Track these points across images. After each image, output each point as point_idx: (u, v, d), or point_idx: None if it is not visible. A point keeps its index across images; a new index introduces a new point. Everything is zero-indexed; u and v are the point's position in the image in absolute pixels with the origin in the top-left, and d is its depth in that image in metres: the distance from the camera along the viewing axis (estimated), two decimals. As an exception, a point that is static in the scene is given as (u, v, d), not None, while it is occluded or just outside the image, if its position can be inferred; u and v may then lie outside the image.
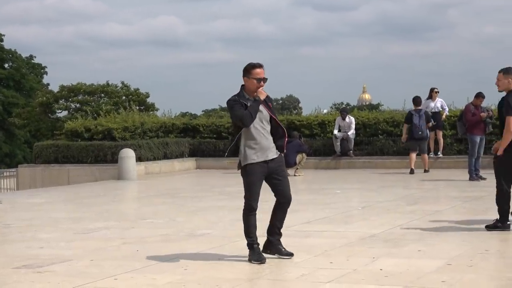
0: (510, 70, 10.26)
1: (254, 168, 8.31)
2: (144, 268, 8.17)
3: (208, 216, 13.03)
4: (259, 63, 8.32)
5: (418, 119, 21.41)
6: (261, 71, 8.26)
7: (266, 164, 8.33)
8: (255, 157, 8.29)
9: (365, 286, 7.16)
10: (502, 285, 6.93)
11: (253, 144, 8.29)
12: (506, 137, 10.09)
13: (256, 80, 8.21)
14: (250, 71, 8.24)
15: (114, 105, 49.87)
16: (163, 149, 26.38)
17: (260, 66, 8.29)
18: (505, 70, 10.32)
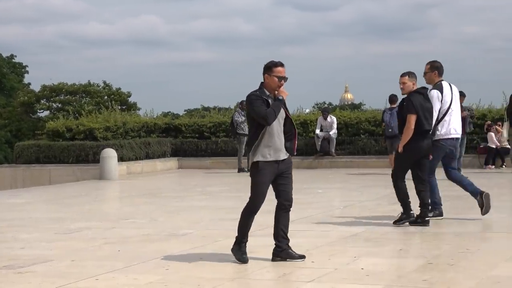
0: (413, 74, 10.99)
1: (266, 167, 8.18)
2: (125, 268, 8.15)
3: (190, 216, 13.02)
4: (280, 61, 8.24)
5: (389, 116, 21.21)
6: (282, 70, 8.19)
7: (277, 165, 8.23)
8: (268, 156, 8.16)
9: (347, 285, 7.17)
10: (482, 284, 6.96)
11: (268, 142, 8.17)
12: (406, 134, 10.68)
13: (277, 78, 8.13)
14: (272, 68, 8.17)
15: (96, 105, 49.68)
16: (145, 149, 26.34)
17: (282, 65, 8.22)
18: (409, 74, 10.95)
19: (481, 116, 24.75)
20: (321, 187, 18.26)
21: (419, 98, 10.77)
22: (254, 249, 9.20)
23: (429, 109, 10.86)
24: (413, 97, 10.76)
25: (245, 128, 24.54)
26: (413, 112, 10.65)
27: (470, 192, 11.64)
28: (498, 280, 7.07)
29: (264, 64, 8.25)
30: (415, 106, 10.66)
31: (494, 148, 23.25)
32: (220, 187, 19.17)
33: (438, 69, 11.48)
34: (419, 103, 10.71)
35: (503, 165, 23.03)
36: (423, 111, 10.71)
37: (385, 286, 6.96)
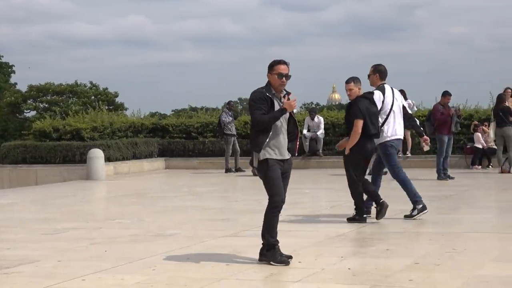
0: (358, 79, 11.34)
1: (274, 163, 8.15)
2: (112, 269, 8.13)
3: (177, 216, 13.01)
4: (283, 59, 8.22)
5: None
6: (284, 68, 8.14)
7: (282, 164, 8.23)
8: (273, 154, 8.15)
9: (333, 285, 7.18)
10: (469, 284, 6.97)
11: (274, 141, 8.15)
12: (353, 138, 11.17)
13: (277, 76, 8.09)
14: (273, 67, 8.14)
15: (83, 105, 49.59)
16: (132, 149, 26.29)
17: (284, 63, 8.18)
18: (354, 80, 11.31)
19: (468, 117, 24.81)
20: (309, 187, 18.27)
21: (365, 103, 11.20)
22: (241, 249, 9.20)
23: (375, 114, 11.29)
24: (360, 102, 11.18)
25: (232, 129, 24.55)
26: (360, 117, 11.08)
27: (411, 199, 12.01)
28: (485, 280, 7.09)
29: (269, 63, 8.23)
30: (361, 111, 11.08)
31: (481, 148, 23.31)
32: (207, 187, 19.16)
33: (381, 72, 11.81)
34: (366, 107, 11.14)
35: (490, 165, 23.10)
36: (369, 116, 11.14)
37: (371, 286, 6.97)
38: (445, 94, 19.56)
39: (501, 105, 21.11)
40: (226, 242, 9.83)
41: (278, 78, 8.10)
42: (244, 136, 26.81)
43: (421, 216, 11.55)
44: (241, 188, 19.58)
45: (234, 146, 24.56)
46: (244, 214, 12.89)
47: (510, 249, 8.82)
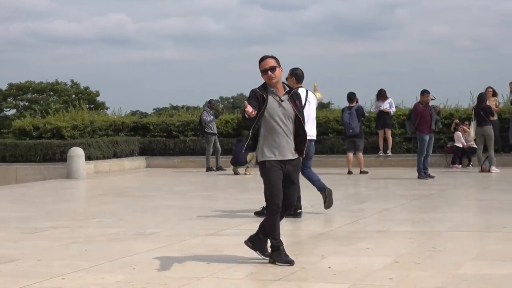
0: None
1: (272, 165, 7.98)
2: (92, 268, 8.10)
3: (158, 215, 12.98)
4: (265, 55, 8.10)
5: (348, 116, 21.17)
6: (266, 62, 8.01)
7: (284, 165, 8.02)
8: (272, 155, 7.98)
9: (314, 284, 7.18)
10: (449, 282, 6.99)
11: (272, 141, 7.99)
12: None
13: (262, 73, 8.03)
14: (259, 65, 8.07)
15: (64, 103, 49.45)
16: (113, 148, 26.23)
17: (266, 57, 8.05)
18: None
19: (448, 116, 24.92)
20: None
21: None
22: (222, 248, 9.20)
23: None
24: None
25: (214, 127, 24.55)
26: None
27: (317, 187, 12.50)
28: (465, 279, 7.12)
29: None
30: None
31: (461, 147, 23.41)
32: (188, 186, 19.14)
33: (297, 76, 12.09)
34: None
35: (470, 164, 23.21)
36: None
37: (352, 285, 6.98)
38: (423, 93, 19.63)
39: (482, 104, 21.22)
40: (206, 241, 9.82)
41: (263, 75, 8.04)
42: (225, 135, 26.83)
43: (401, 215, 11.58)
44: (222, 187, 19.57)
45: (215, 145, 24.55)
46: (224, 213, 12.88)
47: (489, 248, 8.86)
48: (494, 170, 20.76)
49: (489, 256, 8.34)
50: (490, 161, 20.94)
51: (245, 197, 15.95)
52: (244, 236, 9.94)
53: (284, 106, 8.03)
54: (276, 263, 7.97)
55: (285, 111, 8.02)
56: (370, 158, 23.49)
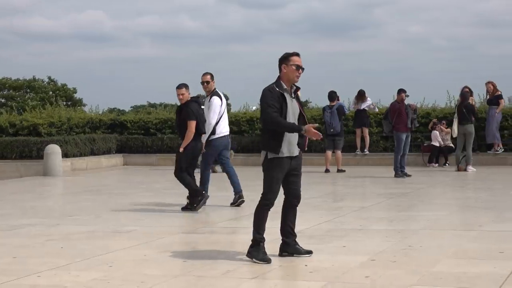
0: (187, 85, 12.85)
1: (282, 163, 8.08)
2: (68, 265, 8.08)
3: (134, 212, 12.94)
4: (296, 52, 8.17)
5: (329, 115, 21.26)
6: (299, 59, 8.12)
7: (290, 161, 8.15)
8: (284, 151, 8.07)
9: (290, 282, 7.20)
10: (425, 280, 7.03)
11: (284, 138, 8.06)
12: (188, 137, 12.55)
13: (295, 67, 8.05)
14: (288, 58, 8.09)
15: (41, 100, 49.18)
16: (90, 145, 26.12)
17: (298, 55, 8.15)
18: (185, 86, 12.83)
19: (425, 115, 25.03)
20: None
21: (195, 106, 12.73)
22: (199, 245, 9.20)
23: (202, 115, 12.86)
24: (191, 105, 12.66)
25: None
26: (193, 118, 12.57)
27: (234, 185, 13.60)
28: (440, 277, 7.16)
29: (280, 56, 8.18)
30: (194, 113, 12.60)
31: (438, 146, 23.52)
32: (165, 184, 19.09)
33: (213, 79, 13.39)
34: (196, 110, 12.68)
35: (447, 163, 23.30)
36: (199, 117, 12.68)
37: (328, 283, 7.00)
38: (400, 92, 19.72)
39: (466, 102, 21.31)
40: (183, 239, 9.82)
41: (296, 70, 8.07)
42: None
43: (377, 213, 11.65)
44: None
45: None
46: (202, 210, 12.86)
47: (465, 246, 8.91)
48: (470, 169, 20.87)
49: (465, 254, 8.39)
50: (467, 160, 21.03)
51: (222, 195, 15.93)
52: (219, 234, 9.99)
53: (294, 103, 8.18)
54: (253, 259, 7.99)
55: (294, 109, 8.16)
56: (348, 156, 23.54)
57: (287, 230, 8.41)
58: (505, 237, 9.51)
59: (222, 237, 9.86)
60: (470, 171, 20.76)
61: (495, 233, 9.90)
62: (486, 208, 12.53)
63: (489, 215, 11.65)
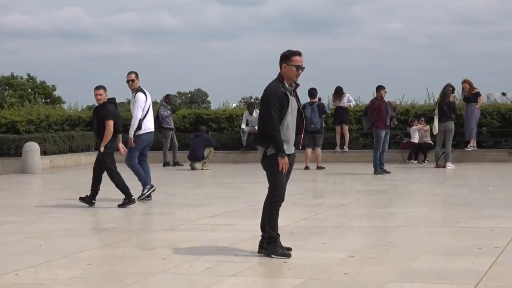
0: (105, 87, 13.37)
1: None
2: (46, 263, 8.04)
3: (113, 210, 12.90)
4: (298, 51, 8.12)
5: (310, 112, 21.27)
6: (300, 59, 8.07)
7: (288, 158, 8.10)
8: (286, 148, 8.01)
9: (269, 279, 7.20)
10: (403, 276, 7.05)
11: (285, 135, 8.02)
12: (107, 136, 13.14)
13: (295, 67, 8.01)
14: (290, 57, 8.03)
15: (19, 97, 48.95)
16: (69, 143, 26.01)
17: (300, 54, 8.10)
18: (103, 87, 13.33)
19: (405, 112, 25.11)
20: (247, 181, 18.30)
21: (112, 107, 13.34)
22: (178, 243, 9.17)
23: (118, 115, 13.48)
24: (108, 106, 13.24)
25: (171, 122, 24.47)
26: (111, 118, 13.13)
27: (142, 182, 13.95)
28: (419, 273, 7.18)
29: (281, 53, 8.13)
30: (111, 113, 13.16)
31: (417, 143, 23.59)
32: (145, 181, 19.01)
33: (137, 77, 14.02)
34: (113, 110, 13.27)
35: (425, 160, 23.38)
36: (116, 117, 13.27)
37: (307, 279, 7.00)
38: (379, 89, 19.75)
39: (446, 99, 21.39)
40: (162, 236, 9.79)
41: (296, 70, 8.03)
42: (182, 130, 26.77)
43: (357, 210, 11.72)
44: (178, 182, 19.51)
45: (172, 140, 24.47)
46: (181, 208, 12.85)
47: (444, 243, 8.94)
48: (449, 166, 20.95)
49: (444, 251, 8.42)
50: (447, 157, 21.12)
51: (202, 192, 15.93)
52: (199, 232, 9.97)
53: (294, 100, 8.14)
54: (272, 255, 7.98)
55: (294, 106, 8.14)
56: (327, 153, 23.57)
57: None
58: (483, 233, 9.55)
59: (202, 235, 9.85)
60: (449, 167, 20.85)
61: (473, 230, 9.94)
62: (465, 205, 12.58)
63: (467, 211, 11.69)
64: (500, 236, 9.20)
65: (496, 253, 8.05)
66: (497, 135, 24.27)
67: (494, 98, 30.74)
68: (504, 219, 10.70)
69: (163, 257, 8.19)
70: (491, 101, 28.42)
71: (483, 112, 23.65)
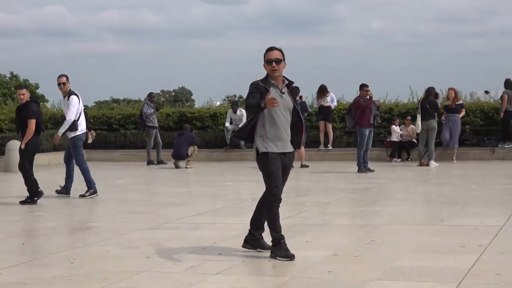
0: (28, 87, 13.89)
1: (274, 157, 7.92)
2: (30, 262, 8.01)
3: (97, 208, 12.88)
4: (273, 46, 8.02)
5: None
6: (273, 53, 7.94)
7: (283, 157, 8.02)
8: (275, 147, 7.91)
9: (253, 277, 7.20)
10: (387, 275, 7.06)
11: (274, 133, 7.92)
12: (29, 134, 13.45)
13: (266, 62, 7.93)
14: (265, 54, 7.97)
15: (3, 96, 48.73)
16: (52, 141, 25.88)
17: (273, 49, 7.98)
18: (25, 87, 14.03)
19: (388, 110, 25.17)
20: (231, 179, 18.30)
21: (35, 106, 13.69)
22: (162, 241, 9.16)
23: (42, 114, 13.99)
24: (31, 105, 13.55)
25: (154, 121, 24.42)
26: (34, 117, 13.43)
27: (87, 182, 14.55)
28: (402, 271, 7.20)
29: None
30: (34, 112, 13.46)
31: (398, 141, 23.65)
32: (129, 179, 19.03)
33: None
34: (36, 110, 13.58)
35: (409, 158, 23.45)
36: (39, 116, 13.65)
37: (291, 278, 7.01)
38: (362, 87, 19.73)
39: (430, 98, 21.44)
40: (146, 235, 9.77)
41: (267, 65, 7.94)
42: (166, 128, 26.73)
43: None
44: (162, 180, 19.49)
45: (156, 139, 24.43)
46: (165, 206, 12.84)
47: (427, 241, 8.97)
48: (432, 164, 21.02)
49: (427, 249, 8.45)
50: (430, 155, 21.19)
51: (185, 191, 15.92)
52: (182, 230, 9.96)
53: (285, 98, 8.00)
54: (277, 257, 7.87)
55: (286, 103, 7.99)
56: (311, 152, 23.59)
57: (257, 224, 8.32)
58: (466, 231, 9.59)
59: (186, 233, 9.83)
60: (433, 166, 20.93)
61: (456, 228, 9.97)
62: (448, 203, 12.63)
63: (451, 209, 11.74)
64: (483, 234, 9.23)
65: (479, 251, 8.09)
66: (480, 133, 24.36)
67: (478, 97, 30.90)
68: (487, 217, 10.74)
69: (146, 256, 8.17)
70: (474, 100, 28.53)
71: (466, 110, 23.66)
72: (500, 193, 14.10)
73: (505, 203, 12.65)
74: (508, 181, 16.53)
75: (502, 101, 23.22)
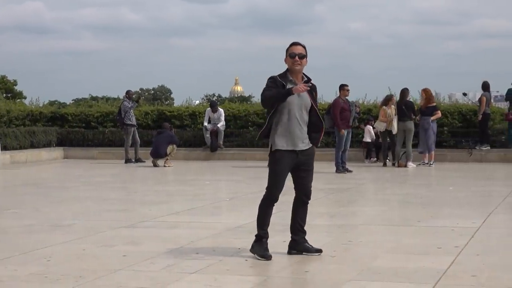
0: None
1: (283, 156, 7.91)
2: (5, 260, 7.95)
3: (74, 206, 12.82)
4: (298, 41, 7.95)
5: None
6: (296, 48, 7.87)
7: (296, 155, 7.97)
8: (284, 144, 7.89)
9: (230, 276, 7.19)
10: (363, 275, 7.08)
11: (284, 130, 7.88)
12: None
13: (289, 56, 7.86)
14: (288, 48, 7.91)
15: (-20, 92, 48.44)
16: (30, 138, 25.81)
17: (298, 44, 7.92)
18: None
19: (367, 111, 25.22)
20: (209, 178, 18.28)
21: None
22: (139, 240, 9.14)
23: None
24: None
25: (132, 119, 24.35)
26: None
27: None
28: (379, 271, 7.21)
29: None
30: None
31: (371, 142, 23.70)
32: (106, 177, 18.97)
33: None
34: None
35: (387, 159, 23.48)
36: None
37: (268, 277, 7.01)
38: (343, 87, 19.71)
39: (405, 99, 21.52)
40: (123, 233, 9.74)
41: (290, 58, 7.87)
42: (145, 126, 26.67)
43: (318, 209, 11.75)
44: (140, 178, 19.44)
45: (134, 137, 24.36)
46: (142, 205, 12.81)
47: (404, 241, 9.00)
48: (410, 165, 21.10)
49: (404, 249, 8.48)
50: (408, 156, 21.26)
51: (163, 189, 15.89)
52: (160, 229, 9.95)
53: (302, 96, 7.92)
54: (255, 254, 7.88)
55: (302, 101, 7.93)
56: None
57: (296, 228, 8.24)
58: (443, 232, 9.62)
59: (163, 232, 9.81)
60: (410, 167, 21.00)
61: (433, 229, 10.01)
62: (425, 204, 12.67)
63: (428, 210, 11.78)
64: (460, 235, 9.28)
65: (455, 252, 8.12)
66: (458, 135, 24.48)
67: (456, 99, 31.01)
68: (464, 218, 10.79)
69: (123, 254, 8.15)
70: (452, 102, 28.64)
71: (444, 112, 23.74)
72: (477, 195, 14.18)
73: (482, 204, 12.72)
74: (485, 183, 16.63)
75: (480, 103, 23.31)
